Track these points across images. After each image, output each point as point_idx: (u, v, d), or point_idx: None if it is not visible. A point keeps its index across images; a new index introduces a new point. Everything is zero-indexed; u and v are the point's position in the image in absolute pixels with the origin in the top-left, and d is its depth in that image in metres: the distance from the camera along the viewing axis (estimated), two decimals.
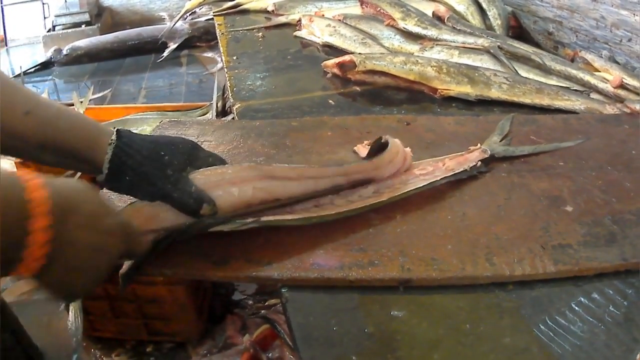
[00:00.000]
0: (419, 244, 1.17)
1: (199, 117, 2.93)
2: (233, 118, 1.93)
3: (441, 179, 1.31)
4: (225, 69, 2.27)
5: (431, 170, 1.34)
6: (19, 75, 3.62)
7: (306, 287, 1.11)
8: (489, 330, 1.02)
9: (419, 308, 1.06)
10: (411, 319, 1.04)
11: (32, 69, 5.46)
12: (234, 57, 2.35)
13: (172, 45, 5.56)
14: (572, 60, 2.13)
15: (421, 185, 1.27)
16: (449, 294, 1.10)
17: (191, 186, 1.12)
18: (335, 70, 2.04)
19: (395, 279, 1.10)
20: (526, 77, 1.98)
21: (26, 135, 1.05)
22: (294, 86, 2.05)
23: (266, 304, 2.89)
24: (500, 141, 1.51)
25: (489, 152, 1.42)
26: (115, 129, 1.13)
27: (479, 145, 1.45)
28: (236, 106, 1.91)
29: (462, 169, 1.36)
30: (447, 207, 1.28)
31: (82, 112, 3.05)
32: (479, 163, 1.39)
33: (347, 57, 2.03)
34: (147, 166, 1.11)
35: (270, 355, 2.38)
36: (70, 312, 1.17)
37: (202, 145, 1.35)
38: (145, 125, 2.62)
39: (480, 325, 1.03)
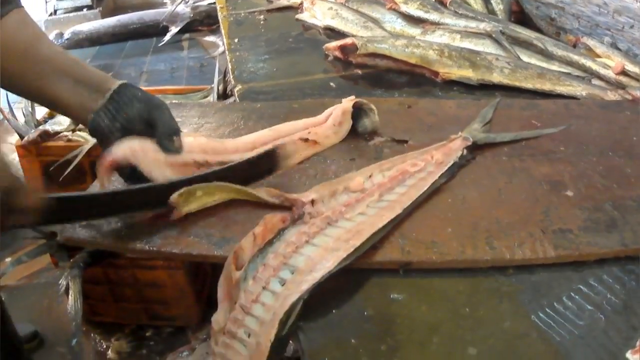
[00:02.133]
0: (419, 227, 1.17)
1: (201, 100, 2.92)
2: (234, 100, 1.93)
3: (439, 177, 1.29)
4: (227, 52, 2.26)
5: (423, 166, 1.32)
6: None
7: None
8: (488, 315, 1.02)
9: (419, 291, 1.06)
10: (411, 302, 1.04)
11: None
12: (235, 40, 2.34)
13: (174, 29, 5.55)
14: (574, 46, 2.12)
15: (424, 189, 1.25)
16: (448, 277, 1.09)
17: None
18: (337, 53, 2.04)
19: (395, 261, 1.10)
20: (528, 62, 1.97)
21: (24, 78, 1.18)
22: (295, 69, 2.05)
23: None
24: (482, 127, 1.50)
25: (471, 139, 1.41)
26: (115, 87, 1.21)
27: (459, 133, 1.44)
28: (237, 88, 1.91)
29: (452, 162, 1.34)
30: (447, 190, 1.28)
31: None
32: (465, 151, 1.38)
33: (348, 40, 2.02)
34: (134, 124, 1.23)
35: None
36: (69, 296, 1.17)
37: (203, 127, 1.35)
38: None
39: (480, 309, 1.03)
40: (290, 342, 0.99)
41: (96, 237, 1.15)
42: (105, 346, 2.65)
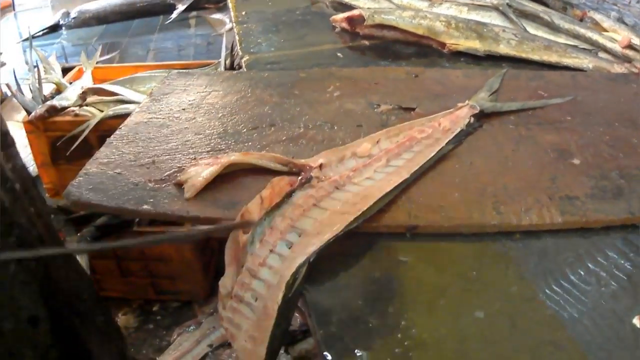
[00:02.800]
0: (427, 191, 1.18)
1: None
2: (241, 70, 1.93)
3: (446, 144, 1.30)
4: (234, 24, 2.27)
5: (430, 133, 1.33)
6: (27, 39, 3.64)
7: None
8: (495, 279, 1.02)
9: (426, 254, 1.07)
10: (417, 265, 1.04)
11: (41, 33, 5.44)
12: (243, 13, 2.35)
13: (181, 7, 5.53)
14: (581, 20, 2.13)
15: (432, 155, 1.25)
16: (455, 241, 1.10)
17: None
18: (344, 25, 2.05)
19: (402, 225, 1.11)
20: (534, 35, 1.98)
21: None
22: (302, 40, 2.06)
23: None
24: (489, 96, 1.50)
25: (478, 107, 1.42)
26: None
27: (466, 102, 1.44)
28: (244, 58, 1.92)
29: (459, 129, 1.35)
30: (454, 156, 1.28)
31: (89, 72, 3.05)
32: (472, 119, 1.38)
33: (356, 12, 2.03)
34: None
35: None
36: None
37: (210, 95, 1.36)
38: (153, 82, 2.62)
39: (487, 273, 1.03)
40: (296, 315, 0.98)
41: (102, 200, 1.15)
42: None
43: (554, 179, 1.23)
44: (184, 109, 1.51)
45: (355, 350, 0.89)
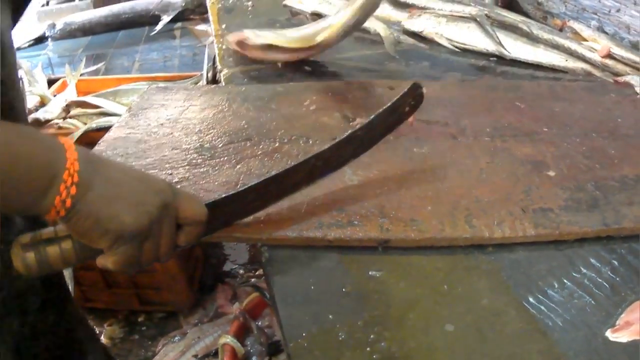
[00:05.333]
0: (399, 204, 1.17)
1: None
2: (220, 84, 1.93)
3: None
4: (214, 37, 2.26)
5: None
6: None
7: (286, 247, 1.10)
8: (466, 292, 1.02)
9: (397, 268, 1.06)
10: (389, 279, 1.04)
11: (26, 44, 5.43)
12: (223, 26, 2.34)
13: (166, 18, 5.52)
14: (561, 30, 2.13)
15: None
16: (427, 255, 1.09)
17: None
18: (236, 47, 2.02)
19: (374, 239, 1.10)
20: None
21: None
22: None
23: (256, 273, 2.90)
24: None
25: None
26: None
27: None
28: (223, 72, 1.92)
29: None
30: (428, 168, 1.28)
31: (73, 84, 3.06)
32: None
33: (242, 34, 1.99)
34: None
35: (259, 323, 2.39)
36: (66, 275, 1.17)
37: (188, 109, 1.36)
38: (136, 95, 2.62)
39: (458, 286, 1.02)
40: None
41: None
42: (98, 332, 2.66)
43: (528, 191, 1.22)
44: (162, 124, 1.51)
45: None
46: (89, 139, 2.47)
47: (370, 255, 1.10)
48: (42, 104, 2.97)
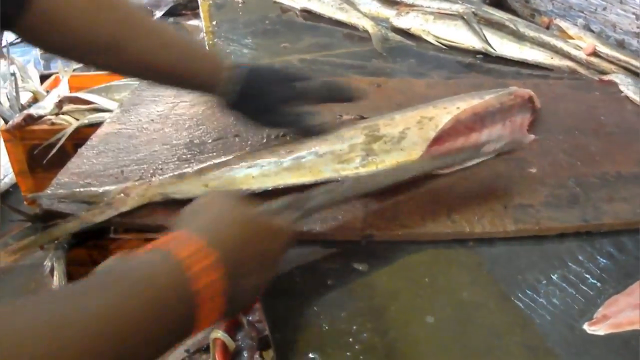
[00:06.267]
0: (382, 199, 1.18)
1: None
2: None
3: None
4: (204, 34, 2.26)
5: None
6: (5, 46, 3.61)
7: None
8: (447, 284, 1.03)
9: (380, 261, 1.07)
10: (372, 272, 1.05)
11: (19, 40, 5.42)
12: (214, 23, 2.34)
13: (158, 14, 5.49)
14: (548, 28, 2.14)
15: None
16: (410, 248, 1.10)
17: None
18: None
19: (358, 233, 1.11)
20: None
21: (156, 67, 1.16)
22: (270, 50, 2.06)
23: None
24: None
25: None
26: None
27: None
28: None
29: None
30: None
31: (66, 80, 3.07)
32: None
33: None
34: (274, 93, 1.21)
35: (250, 318, 2.38)
36: (54, 278, 1.18)
37: (178, 106, 1.38)
38: (129, 90, 2.63)
39: (440, 279, 1.04)
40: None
41: (73, 209, 1.16)
42: None
43: (510, 187, 1.24)
44: (152, 120, 1.51)
45: (309, 354, 0.90)
46: (82, 134, 2.47)
47: (354, 249, 1.10)
48: (35, 100, 2.97)
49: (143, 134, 1.45)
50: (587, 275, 1.05)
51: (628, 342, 0.92)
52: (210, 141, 1.41)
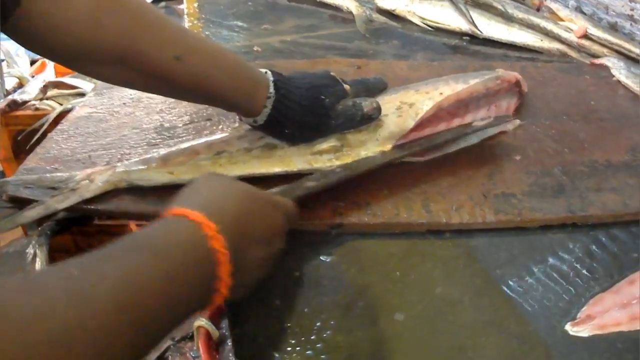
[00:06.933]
0: (354, 187, 1.12)
1: None
2: None
3: None
4: (185, 16, 2.21)
5: None
6: None
7: None
8: (420, 279, 0.97)
9: (349, 253, 1.02)
10: (340, 264, 1.00)
11: None
12: (195, 5, 2.29)
13: None
14: (538, 10, 2.09)
15: None
16: (381, 240, 1.05)
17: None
18: None
19: (327, 222, 1.06)
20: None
21: (175, 81, 1.02)
22: (251, 32, 2.01)
23: None
24: None
25: None
26: (272, 78, 1.09)
27: None
28: None
29: None
30: None
31: (52, 65, 3.10)
32: None
33: None
34: (308, 116, 1.12)
35: None
36: (36, 265, 1.13)
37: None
38: None
39: (412, 273, 0.98)
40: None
41: (37, 195, 1.10)
42: None
43: (491, 175, 1.18)
44: (124, 103, 1.46)
45: (269, 351, 0.86)
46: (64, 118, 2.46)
47: (323, 239, 1.05)
48: (21, 85, 2.98)
49: (114, 117, 1.41)
50: (572, 271, 0.99)
51: (613, 344, 0.87)
52: (181, 125, 1.36)
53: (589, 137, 1.33)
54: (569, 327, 0.89)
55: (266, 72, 1.09)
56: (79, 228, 2.12)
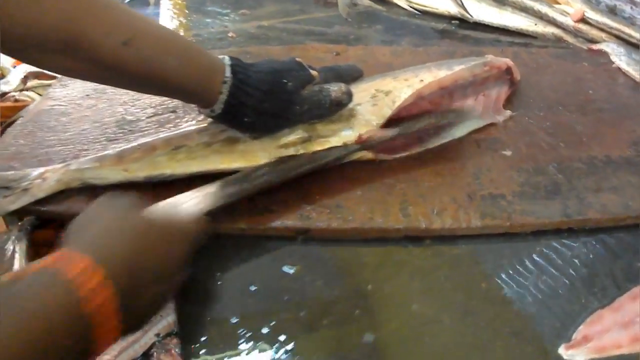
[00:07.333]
0: (324, 188, 1.04)
1: None
2: None
3: None
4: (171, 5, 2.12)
5: None
6: None
7: None
8: (394, 294, 0.89)
9: (316, 263, 0.94)
10: (305, 276, 0.91)
11: None
12: None
13: None
14: None
15: None
16: (353, 247, 0.97)
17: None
18: None
19: (292, 228, 0.97)
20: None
21: (124, 69, 0.94)
22: (227, 17, 1.94)
23: None
24: None
25: None
26: (229, 62, 1.01)
27: None
28: None
29: None
30: None
31: None
32: None
33: None
34: (269, 101, 1.03)
35: None
36: (15, 261, 1.08)
37: None
38: None
39: (385, 287, 0.89)
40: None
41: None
42: None
43: (478, 173, 1.09)
44: (87, 95, 1.38)
45: None
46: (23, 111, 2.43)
47: (289, 246, 0.97)
48: (2, 76, 2.93)
49: (75, 110, 1.32)
50: (567, 284, 0.90)
51: None
52: (144, 118, 1.27)
53: (586, 130, 1.25)
54: (562, 351, 0.80)
55: (223, 58, 1.02)
56: (61, 222, 2.06)
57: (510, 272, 0.92)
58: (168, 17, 1.96)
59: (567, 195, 1.04)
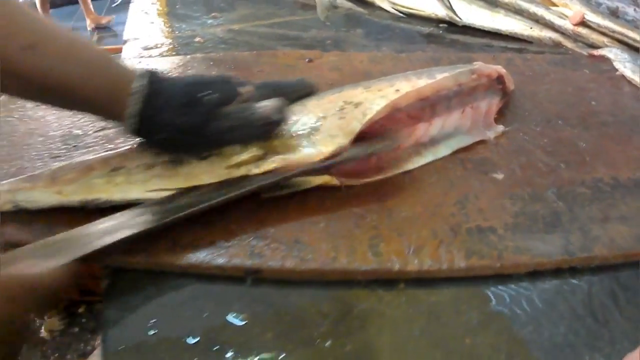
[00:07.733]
0: (280, 219, 0.93)
1: None
2: None
3: None
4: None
5: None
6: None
7: (134, 271, 0.88)
8: (359, 351, 0.76)
9: (266, 311, 0.82)
10: (252, 328, 0.79)
11: None
12: None
13: None
14: None
15: None
16: (312, 292, 0.85)
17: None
18: None
19: (241, 267, 0.86)
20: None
21: (24, 76, 0.89)
22: (196, 21, 1.86)
23: None
24: None
25: None
26: (140, 74, 0.95)
27: None
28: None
29: None
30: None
31: None
32: None
33: None
34: (184, 116, 0.95)
35: None
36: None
37: None
38: None
39: (348, 343, 0.77)
40: None
41: None
42: (38, 323, 2.53)
43: (464, 201, 0.97)
44: (37, 106, 1.31)
45: None
46: None
47: (234, 290, 0.85)
48: None
49: (23, 123, 1.26)
50: (569, 337, 0.78)
51: None
52: (92, 132, 1.20)
53: (590, 148, 1.14)
54: None
55: (135, 70, 0.97)
56: None
57: (499, 324, 0.80)
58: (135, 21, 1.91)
59: (569, 228, 0.93)
